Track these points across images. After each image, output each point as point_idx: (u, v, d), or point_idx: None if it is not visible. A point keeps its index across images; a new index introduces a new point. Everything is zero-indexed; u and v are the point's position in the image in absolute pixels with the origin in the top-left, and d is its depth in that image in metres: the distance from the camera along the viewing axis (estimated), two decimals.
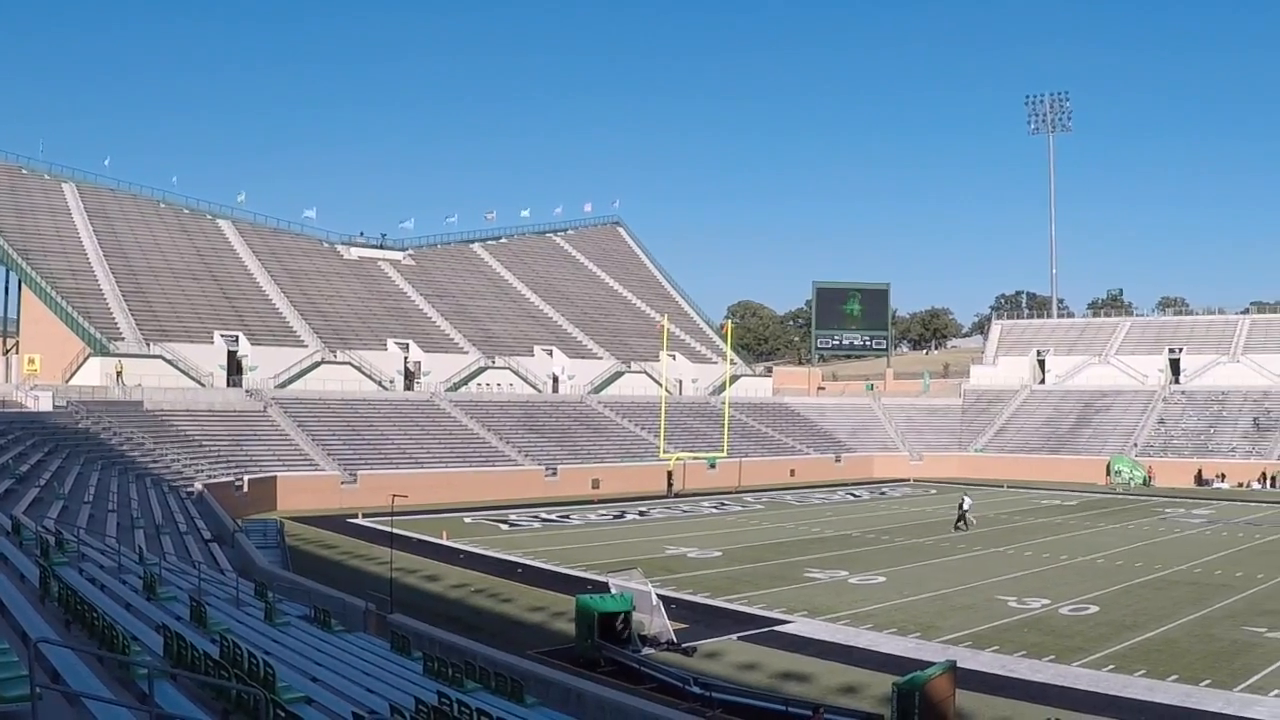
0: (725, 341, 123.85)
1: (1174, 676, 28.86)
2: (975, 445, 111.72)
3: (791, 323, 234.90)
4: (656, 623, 32.48)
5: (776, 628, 35.16)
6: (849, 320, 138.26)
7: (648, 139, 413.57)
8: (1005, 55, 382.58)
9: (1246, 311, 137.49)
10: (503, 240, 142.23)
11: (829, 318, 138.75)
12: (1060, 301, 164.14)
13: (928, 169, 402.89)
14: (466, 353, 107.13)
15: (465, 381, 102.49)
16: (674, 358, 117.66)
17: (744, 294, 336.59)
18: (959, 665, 26.02)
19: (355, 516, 65.17)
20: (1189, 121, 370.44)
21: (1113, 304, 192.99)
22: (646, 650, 30.91)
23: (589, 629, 30.44)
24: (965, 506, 63.20)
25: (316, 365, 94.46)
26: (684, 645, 31.77)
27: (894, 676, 24.02)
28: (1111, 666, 29.99)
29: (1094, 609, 38.54)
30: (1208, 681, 28.40)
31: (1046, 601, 39.77)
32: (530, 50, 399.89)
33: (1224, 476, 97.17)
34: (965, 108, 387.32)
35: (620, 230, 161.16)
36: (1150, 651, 31.82)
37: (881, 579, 44.95)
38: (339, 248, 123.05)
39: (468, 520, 65.51)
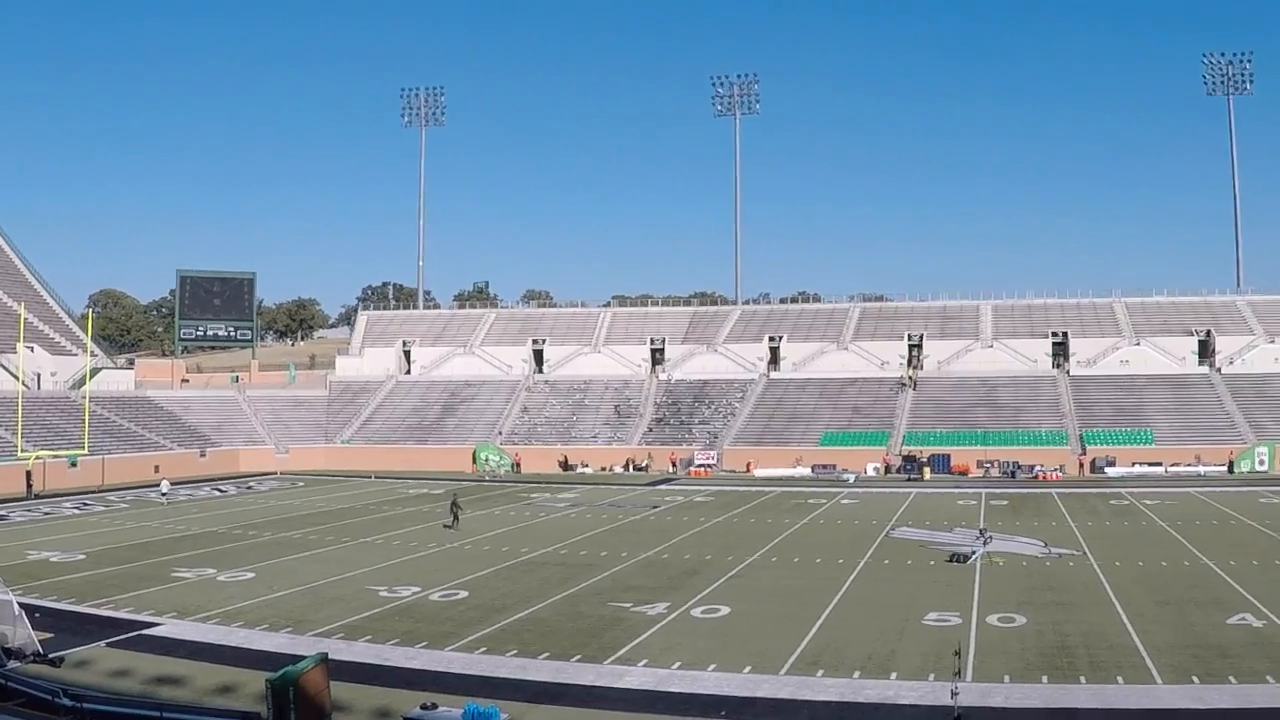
0: (86, 332, 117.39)
1: (545, 654, 29.61)
2: (342, 437, 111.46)
3: (155, 312, 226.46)
4: (20, 634, 29.87)
5: (146, 631, 33.13)
6: (214, 310, 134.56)
7: None
8: (380, 44, 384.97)
9: (608, 305, 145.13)
10: None
11: (194, 308, 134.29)
12: (427, 293, 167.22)
13: (297, 157, 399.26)
14: None
15: None
16: (32, 349, 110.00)
17: (107, 282, 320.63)
18: (333, 657, 25.45)
19: None
20: (566, 116, 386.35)
21: (479, 296, 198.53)
22: (11, 664, 28.32)
23: None
24: (456, 503, 61.82)
25: None
26: (51, 656, 29.35)
27: (268, 673, 23.05)
28: (484, 649, 30.38)
29: (464, 594, 39.01)
30: (578, 657, 29.33)
31: (417, 589, 39.91)
32: None
33: (587, 463, 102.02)
34: (340, 96, 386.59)
35: None
36: (521, 631, 32.52)
37: (251, 575, 43.57)
38: None
39: None
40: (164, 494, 72.30)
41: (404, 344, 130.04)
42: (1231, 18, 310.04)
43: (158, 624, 34.23)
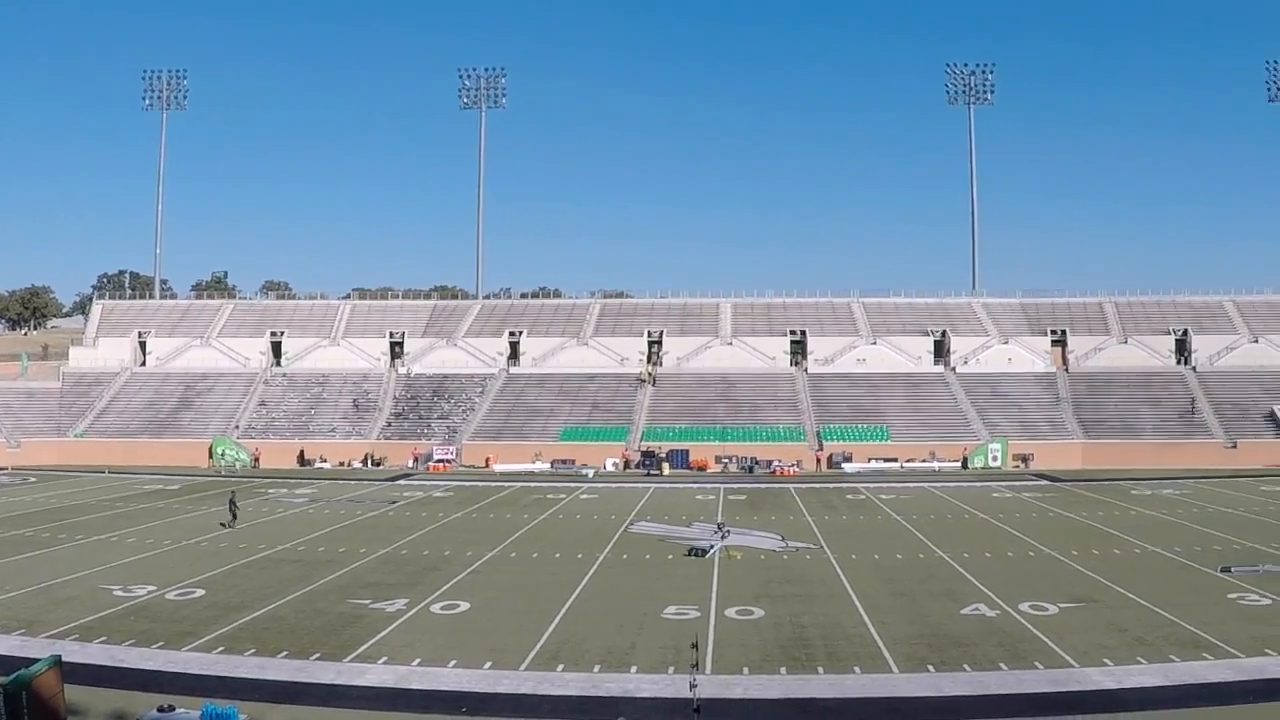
0: None
1: (284, 653, 30.13)
2: (76, 430, 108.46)
3: None
4: None
5: None
6: None
7: None
8: (119, 25, 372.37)
9: (348, 297, 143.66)
10: None
11: None
12: (164, 282, 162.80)
13: (31, 141, 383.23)
14: None
15: None
16: None
17: None
18: (68, 659, 25.61)
19: None
20: (309, 104, 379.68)
21: (217, 286, 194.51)
22: None
23: None
24: (234, 501, 59.97)
25: None
26: None
27: (0, 677, 23.22)
28: (222, 648, 30.70)
29: (201, 592, 39.09)
30: (318, 655, 29.97)
31: (153, 588, 39.82)
32: None
33: (325, 458, 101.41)
34: (77, 78, 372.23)
35: None
36: (259, 630, 32.89)
37: None
38: None
39: None
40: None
41: (140, 334, 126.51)
42: (975, 29, 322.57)
43: None
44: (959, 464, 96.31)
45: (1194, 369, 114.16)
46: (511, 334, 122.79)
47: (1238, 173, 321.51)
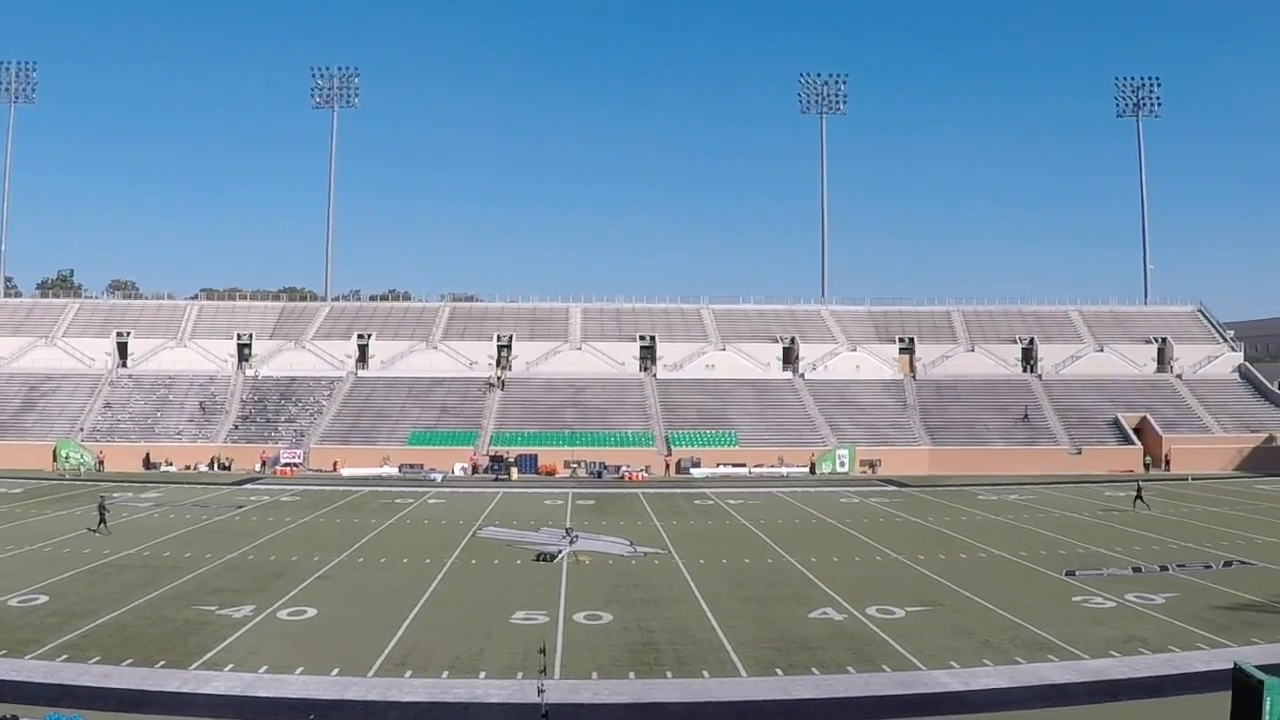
0: None
1: (129, 661, 29.90)
2: None
3: None
4: None
5: None
6: None
7: None
8: None
9: (195, 298, 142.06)
10: None
11: None
12: (9, 280, 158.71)
13: None
14: None
15: None
16: None
17: None
18: None
19: None
20: (156, 101, 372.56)
21: (62, 285, 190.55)
22: None
23: None
24: (104, 506, 58.43)
25: None
26: None
27: None
28: (65, 656, 30.40)
29: (44, 599, 38.67)
30: (163, 663, 29.77)
31: None
32: None
33: (171, 461, 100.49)
34: None
35: None
36: (104, 638, 32.61)
37: None
38: None
39: None
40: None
41: None
42: (828, 36, 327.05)
43: None
44: (807, 469, 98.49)
45: (1040, 377, 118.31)
46: (360, 336, 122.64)
47: (1085, 184, 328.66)
